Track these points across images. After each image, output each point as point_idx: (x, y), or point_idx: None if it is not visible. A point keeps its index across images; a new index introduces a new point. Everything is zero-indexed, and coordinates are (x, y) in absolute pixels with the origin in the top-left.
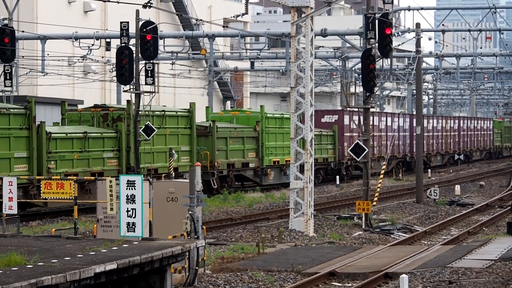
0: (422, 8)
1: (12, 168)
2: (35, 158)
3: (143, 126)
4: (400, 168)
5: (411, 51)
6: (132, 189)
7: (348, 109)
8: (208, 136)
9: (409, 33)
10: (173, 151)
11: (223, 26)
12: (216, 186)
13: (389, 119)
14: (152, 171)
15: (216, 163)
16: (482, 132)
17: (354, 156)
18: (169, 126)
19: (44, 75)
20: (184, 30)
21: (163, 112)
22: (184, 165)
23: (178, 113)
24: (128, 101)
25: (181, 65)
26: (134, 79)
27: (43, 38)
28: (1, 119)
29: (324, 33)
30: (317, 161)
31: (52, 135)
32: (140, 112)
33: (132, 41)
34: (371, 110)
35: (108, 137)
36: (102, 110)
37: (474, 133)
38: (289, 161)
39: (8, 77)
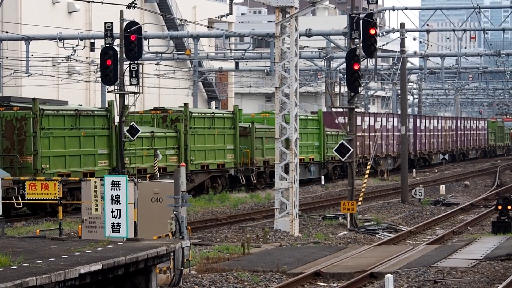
0: (406, 8)
1: (97, 163)
2: (114, 155)
3: (129, 127)
4: (385, 168)
5: (396, 51)
6: (116, 189)
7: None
8: (248, 136)
9: (393, 33)
10: (158, 151)
11: (208, 27)
12: (255, 182)
13: (395, 119)
14: (205, 167)
15: (254, 160)
16: (478, 132)
17: (339, 156)
18: (217, 127)
19: (28, 75)
20: (169, 31)
21: (212, 114)
22: (230, 161)
23: (224, 115)
24: (186, 104)
25: (165, 65)
26: (119, 79)
27: (27, 39)
28: (87, 120)
29: (308, 33)
30: (335, 158)
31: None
32: (193, 114)
33: (117, 41)
34: (357, 110)
35: (170, 136)
36: (161, 113)
37: (470, 133)
38: (313, 158)
39: None
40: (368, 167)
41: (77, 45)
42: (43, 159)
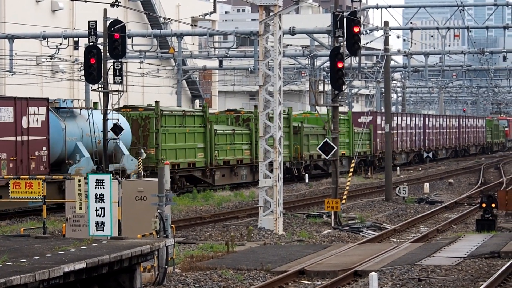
0: (390, 6)
1: (196, 155)
2: (208, 148)
3: (113, 125)
4: (369, 166)
5: (380, 49)
6: (101, 188)
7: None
8: (297, 133)
9: (377, 31)
10: (141, 150)
11: (191, 25)
12: (303, 173)
13: (405, 118)
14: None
15: (303, 155)
16: (477, 130)
17: (323, 154)
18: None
19: (12, 74)
20: (152, 29)
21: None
22: (286, 156)
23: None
24: (255, 106)
25: (149, 64)
26: (102, 78)
27: (11, 38)
28: (190, 119)
29: (292, 32)
30: (360, 154)
31: (217, 131)
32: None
33: (100, 40)
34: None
35: (245, 133)
36: (234, 113)
37: (471, 130)
38: (344, 153)
39: None
40: (352, 165)
41: (60, 44)
42: (162, 151)
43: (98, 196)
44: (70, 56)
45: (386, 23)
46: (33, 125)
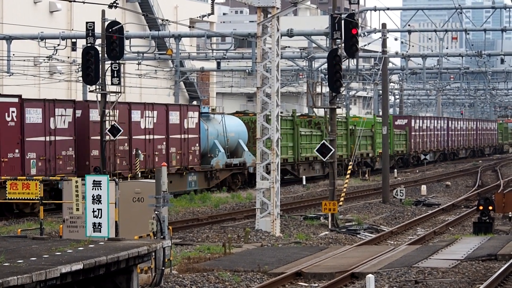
0: (388, 9)
1: (288, 152)
2: (296, 147)
3: (109, 127)
4: (367, 168)
5: (377, 52)
6: (98, 189)
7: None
8: (351, 135)
9: (375, 33)
10: (139, 151)
11: (189, 27)
12: (356, 169)
13: (433, 121)
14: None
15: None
16: (491, 132)
17: (320, 156)
18: (339, 128)
19: (10, 75)
20: (150, 30)
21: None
22: (344, 154)
23: (341, 120)
24: (326, 112)
25: (147, 65)
26: (100, 79)
27: (9, 38)
28: (283, 122)
29: (290, 34)
30: (398, 152)
31: (301, 133)
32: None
33: (98, 41)
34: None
35: (318, 134)
36: (307, 118)
37: (486, 132)
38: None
39: None
40: (350, 167)
41: (58, 45)
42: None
43: (95, 197)
44: (68, 57)
45: (384, 25)
46: (191, 126)
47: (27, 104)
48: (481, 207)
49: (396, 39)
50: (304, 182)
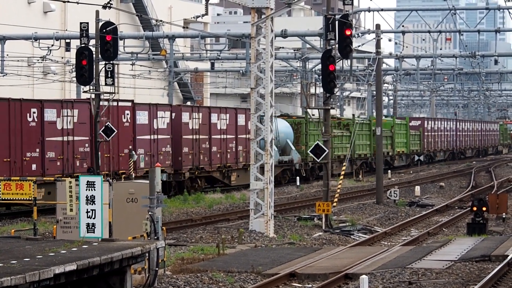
0: (382, 9)
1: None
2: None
3: (104, 127)
4: (363, 169)
5: (371, 52)
6: (91, 190)
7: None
8: (374, 135)
9: (369, 34)
10: (132, 151)
11: (183, 27)
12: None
13: (443, 122)
14: (359, 155)
15: None
16: (493, 133)
17: (314, 157)
18: (363, 130)
19: (4, 75)
20: (144, 31)
21: (362, 121)
22: (369, 152)
23: (365, 121)
24: (353, 115)
25: (141, 65)
26: (94, 79)
27: (2, 39)
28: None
29: (284, 34)
30: (413, 151)
31: (334, 134)
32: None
33: (92, 41)
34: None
35: (347, 135)
36: (337, 120)
37: (489, 133)
38: (403, 151)
39: None
40: (343, 168)
41: (52, 45)
42: (308, 148)
43: (89, 198)
44: (62, 58)
45: (378, 26)
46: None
47: (138, 108)
48: (475, 208)
49: (390, 40)
50: (298, 183)
